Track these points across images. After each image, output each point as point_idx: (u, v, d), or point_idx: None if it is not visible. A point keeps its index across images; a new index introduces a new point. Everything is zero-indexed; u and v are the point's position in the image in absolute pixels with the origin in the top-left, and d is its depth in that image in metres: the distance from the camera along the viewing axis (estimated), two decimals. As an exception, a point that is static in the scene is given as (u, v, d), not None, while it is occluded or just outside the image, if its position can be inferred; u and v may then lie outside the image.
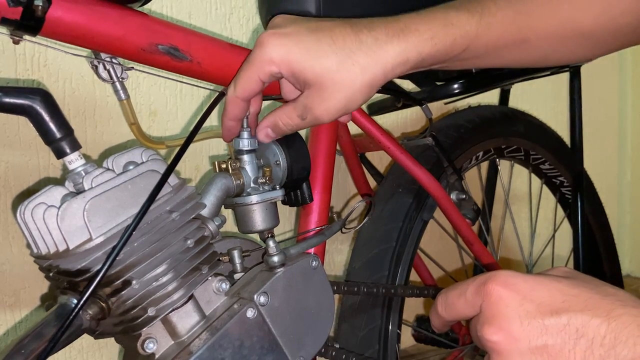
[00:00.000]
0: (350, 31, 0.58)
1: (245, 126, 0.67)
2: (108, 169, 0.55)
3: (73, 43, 0.57)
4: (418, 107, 0.93)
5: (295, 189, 0.74)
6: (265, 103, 0.69)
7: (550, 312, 0.43)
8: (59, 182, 0.55)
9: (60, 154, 0.54)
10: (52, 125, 0.53)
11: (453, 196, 0.95)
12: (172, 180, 0.58)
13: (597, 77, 1.75)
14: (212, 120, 1.02)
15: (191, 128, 0.59)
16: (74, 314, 0.50)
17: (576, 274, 0.48)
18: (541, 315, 0.44)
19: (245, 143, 0.68)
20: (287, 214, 1.14)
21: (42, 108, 0.52)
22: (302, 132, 0.77)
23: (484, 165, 1.30)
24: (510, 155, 1.13)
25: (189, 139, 0.58)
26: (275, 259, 0.63)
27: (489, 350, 0.45)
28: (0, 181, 0.88)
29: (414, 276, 1.01)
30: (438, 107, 1.21)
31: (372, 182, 1.09)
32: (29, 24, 0.53)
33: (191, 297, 0.59)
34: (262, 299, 0.60)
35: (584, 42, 0.65)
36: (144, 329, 0.56)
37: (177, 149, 0.71)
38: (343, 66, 0.57)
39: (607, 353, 0.41)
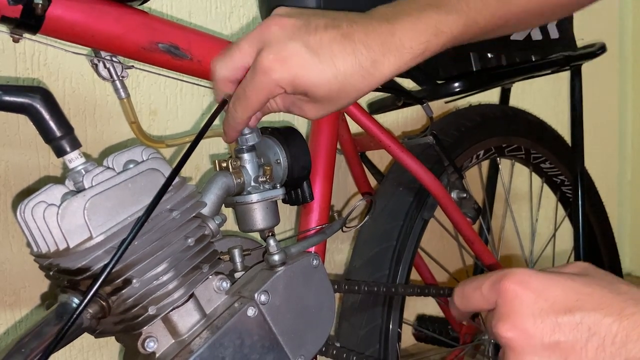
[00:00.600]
0: (350, 51, 0.59)
1: None
2: (108, 168, 0.55)
3: (73, 41, 0.57)
4: (419, 106, 0.93)
5: (296, 187, 0.74)
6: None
7: (564, 311, 0.45)
8: (59, 180, 0.55)
9: (60, 152, 0.54)
10: (52, 124, 0.53)
11: (454, 195, 0.95)
12: (173, 178, 0.58)
13: (598, 76, 1.75)
14: (213, 119, 1.02)
15: (195, 135, 0.59)
16: (77, 312, 0.49)
17: (592, 270, 0.49)
18: (554, 313, 0.45)
19: (247, 139, 0.68)
20: (287, 212, 1.14)
21: (42, 106, 0.52)
22: (302, 131, 0.77)
23: (485, 164, 1.30)
24: (510, 154, 1.13)
25: (193, 145, 0.57)
26: (276, 257, 0.63)
27: (504, 346, 0.47)
28: (0, 180, 0.88)
29: (414, 275, 1.01)
30: (439, 106, 1.21)
31: (373, 181, 1.09)
32: (28, 22, 0.53)
33: (192, 295, 0.59)
34: (263, 298, 0.60)
35: (566, 6, 0.68)
36: (145, 328, 0.56)
37: (178, 147, 0.71)
38: (343, 91, 0.60)
39: (618, 351, 0.42)
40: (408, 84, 1.00)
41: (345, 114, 0.85)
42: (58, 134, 0.53)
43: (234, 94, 0.62)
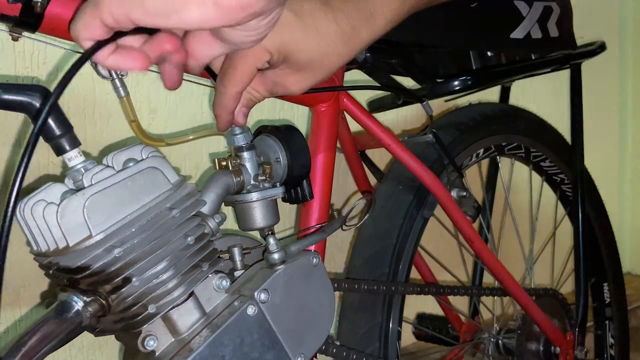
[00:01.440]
0: (331, 18, 0.61)
1: None
2: (108, 166, 0.55)
3: (72, 40, 0.57)
4: (418, 105, 0.93)
5: (296, 186, 0.74)
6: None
7: None
8: (59, 179, 0.55)
9: (59, 151, 0.54)
10: (51, 123, 0.53)
11: (454, 193, 0.95)
12: (173, 177, 0.58)
13: (598, 74, 1.75)
14: (211, 118, 1.02)
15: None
16: None
17: None
18: None
19: (239, 139, 0.68)
20: (287, 211, 1.14)
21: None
22: (302, 129, 0.77)
23: (485, 163, 1.30)
24: (510, 152, 1.13)
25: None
26: (276, 256, 0.63)
27: None
28: (-1, 179, 0.88)
29: (414, 273, 1.01)
30: (438, 105, 1.21)
31: (373, 180, 1.09)
32: (28, 20, 0.53)
33: (191, 294, 0.59)
34: (263, 296, 0.60)
35: None
36: (144, 326, 0.56)
37: (177, 146, 0.70)
38: (326, 57, 0.62)
39: None
40: (408, 82, 1.00)
41: (345, 112, 0.85)
42: (57, 132, 0.53)
43: (220, 70, 0.61)
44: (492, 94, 1.29)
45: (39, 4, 0.52)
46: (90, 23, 0.46)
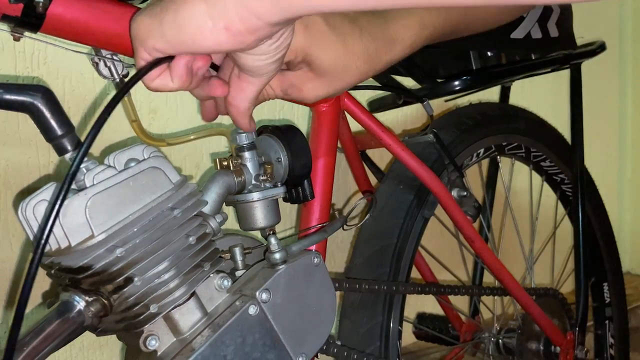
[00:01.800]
0: (358, 34, 0.63)
1: None
2: (109, 166, 0.55)
3: (74, 40, 0.57)
4: (419, 105, 0.93)
5: (297, 186, 0.74)
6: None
7: None
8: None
9: (61, 151, 0.54)
10: (53, 123, 0.53)
11: (454, 193, 0.95)
12: (174, 177, 0.58)
13: (598, 74, 1.75)
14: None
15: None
16: None
17: None
18: None
19: (243, 137, 0.68)
20: (288, 211, 1.14)
21: (44, 105, 0.52)
22: (303, 129, 0.77)
23: (485, 163, 1.30)
24: (511, 152, 1.13)
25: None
26: (277, 256, 0.63)
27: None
28: (0, 179, 0.88)
29: (414, 273, 1.01)
30: (439, 105, 1.21)
31: (373, 180, 1.09)
32: (29, 20, 0.53)
33: (193, 294, 0.59)
34: (264, 296, 0.60)
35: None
36: (146, 326, 0.56)
37: (178, 146, 0.70)
38: (347, 69, 0.63)
39: None
40: (408, 82, 1.00)
41: (345, 112, 0.85)
42: (59, 132, 0.53)
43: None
44: (492, 94, 1.29)
45: (41, 4, 0.52)
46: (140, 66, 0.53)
